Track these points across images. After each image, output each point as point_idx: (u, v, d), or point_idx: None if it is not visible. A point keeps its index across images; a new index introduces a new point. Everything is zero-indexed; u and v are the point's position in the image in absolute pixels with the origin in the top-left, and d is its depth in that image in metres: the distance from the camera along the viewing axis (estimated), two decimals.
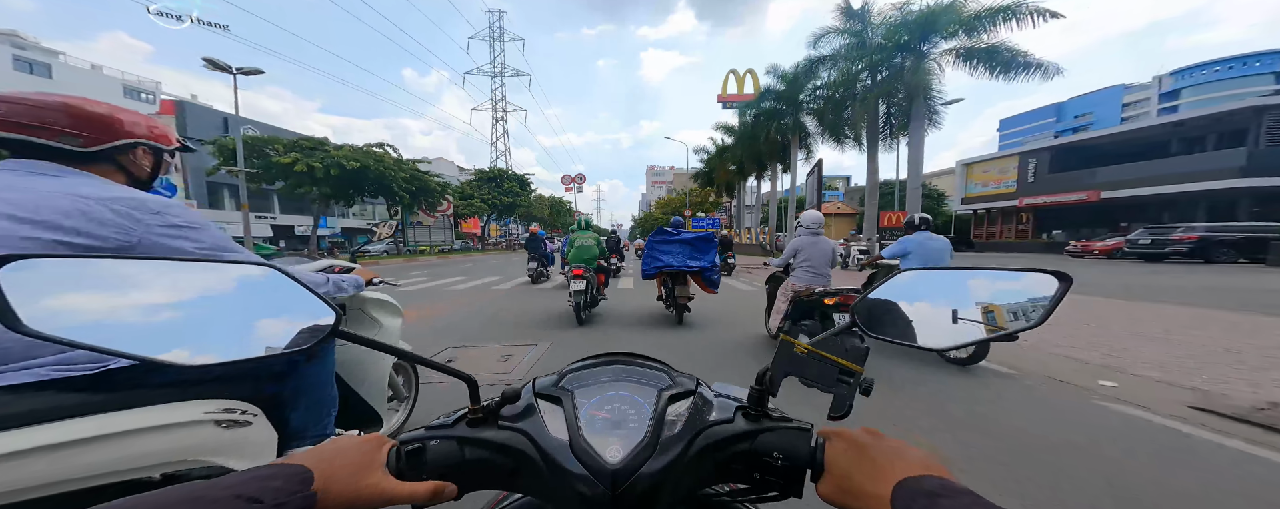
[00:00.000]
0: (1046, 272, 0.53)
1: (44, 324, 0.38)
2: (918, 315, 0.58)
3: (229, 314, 0.48)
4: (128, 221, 1.00)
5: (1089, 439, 2.55)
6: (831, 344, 0.55)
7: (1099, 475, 2.16)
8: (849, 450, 0.45)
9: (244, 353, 0.46)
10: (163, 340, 0.43)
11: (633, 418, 0.50)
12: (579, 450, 0.46)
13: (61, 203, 0.94)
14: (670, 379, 0.58)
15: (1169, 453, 2.41)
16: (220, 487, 0.33)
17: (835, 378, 0.53)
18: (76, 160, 1.05)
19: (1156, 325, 5.50)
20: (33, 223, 0.91)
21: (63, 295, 0.41)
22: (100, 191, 1.00)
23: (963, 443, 2.51)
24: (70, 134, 1.02)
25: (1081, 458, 2.34)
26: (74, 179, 1.01)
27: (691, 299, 6.17)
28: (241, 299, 0.49)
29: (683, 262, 5.92)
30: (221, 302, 0.47)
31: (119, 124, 1.09)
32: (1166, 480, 2.13)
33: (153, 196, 1.06)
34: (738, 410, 0.54)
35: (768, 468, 0.50)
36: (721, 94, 39.94)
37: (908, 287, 0.61)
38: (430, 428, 0.52)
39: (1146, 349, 4.41)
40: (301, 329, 0.48)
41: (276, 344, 0.47)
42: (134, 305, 0.44)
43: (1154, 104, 61.44)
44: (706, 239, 6.15)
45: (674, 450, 0.47)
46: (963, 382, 3.60)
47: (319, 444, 0.44)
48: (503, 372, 3.98)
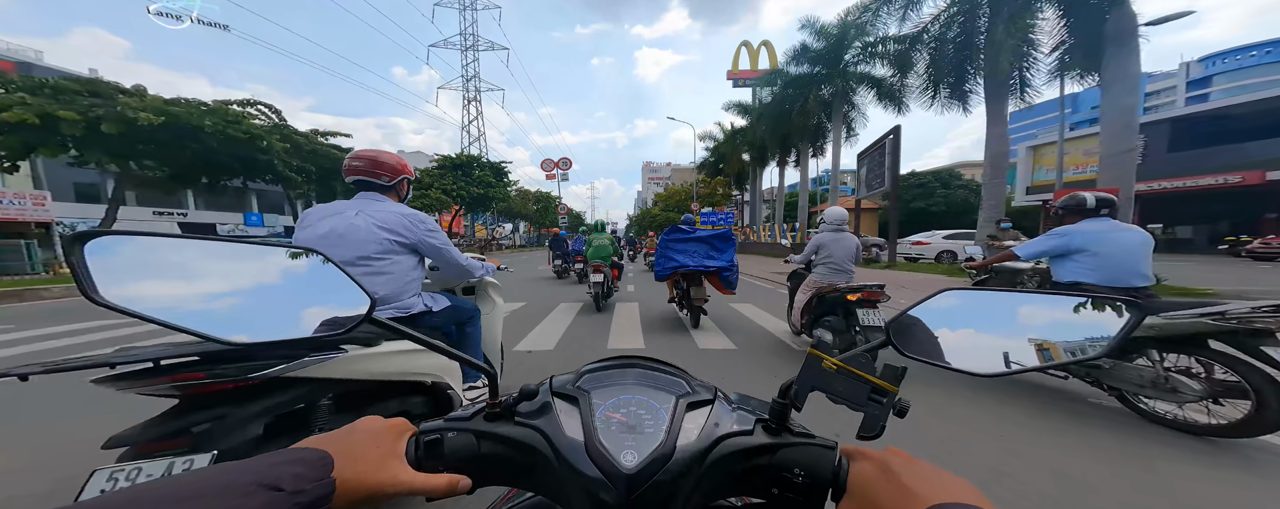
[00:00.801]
0: (1117, 299, 0.51)
1: (119, 298, 0.41)
2: (961, 339, 0.55)
3: (279, 296, 0.50)
4: (413, 226, 1.84)
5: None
6: (862, 361, 0.52)
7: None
8: (875, 472, 0.43)
9: (294, 333, 0.49)
10: (222, 319, 0.45)
11: (649, 422, 0.50)
12: (594, 453, 0.46)
13: (391, 217, 1.80)
14: (688, 386, 0.58)
15: None
16: (243, 470, 0.33)
17: (866, 397, 0.50)
18: (383, 190, 1.90)
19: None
20: (383, 228, 1.76)
21: (137, 274, 0.43)
22: (398, 209, 1.85)
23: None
24: (381, 175, 1.88)
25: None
26: (388, 202, 1.87)
27: (707, 300, 5.69)
28: (290, 282, 0.51)
29: (700, 261, 5.51)
30: (273, 284, 0.50)
31: (401, 166, 1.94)
32: None
33: (415, 211, 1.90)
34: (758, 423, 0.52)
35: (787, 484, 0.48)
36: (732, 71, 35.01)
37: (950, 307, 0.58)
38: (449, 419, 0.52)
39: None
40: (339, 315, 0.51)
41: (313, 325, 0.49)
42: (197, 286, 0.46)
43: (1181, 93, 58.47)
44: (725, 236, 5.69)
45: (690, 459, 0.46)
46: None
47: (343, 428, 0.44)
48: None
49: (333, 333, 0.50)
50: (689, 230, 5.78)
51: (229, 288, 0.47)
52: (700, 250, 5.62)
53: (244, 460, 0.35)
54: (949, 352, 0.55)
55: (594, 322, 6.07)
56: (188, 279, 0.46)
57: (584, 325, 5.81)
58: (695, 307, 5.65)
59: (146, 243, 0.45)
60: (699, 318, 5.76)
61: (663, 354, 5.88)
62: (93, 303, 0.40)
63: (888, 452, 0.45)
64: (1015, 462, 2.25)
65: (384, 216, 1.78)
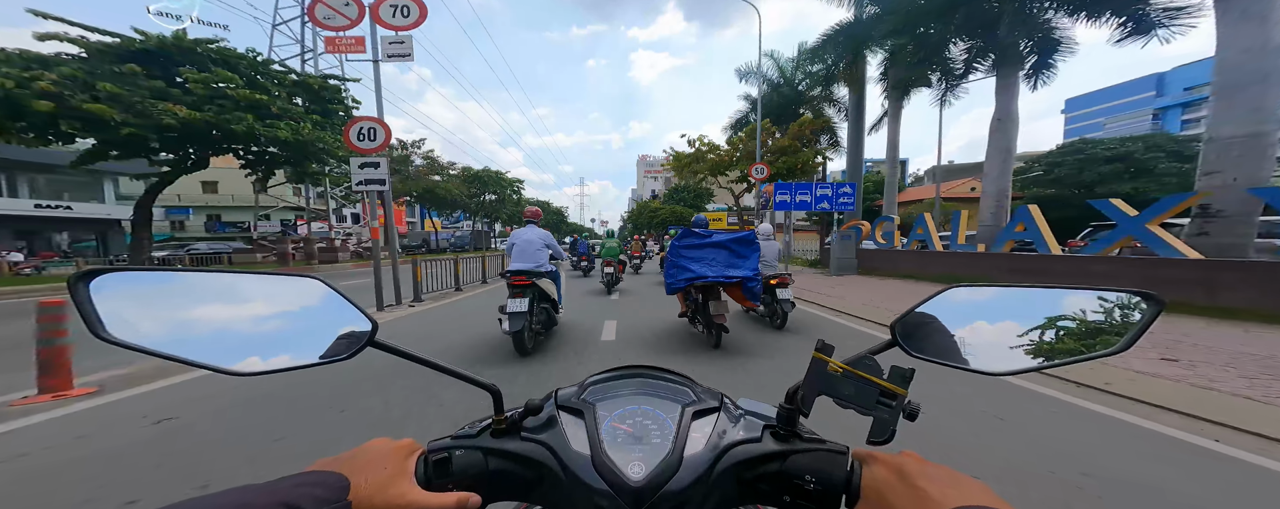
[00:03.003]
0: (1134, 292, 0.50)
1: (125, 333, 0.41)
2: (970, 336, 0.54)
3: (284, 324, 0.50)
4: (552, 244, 5.39)
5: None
6: (868, 363, 0.50)
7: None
8: (889, 476, 0.42)
9: (301, 360, 0.49)
10: (228, 349, 0.46)
11: (655, 432, 0.50)
12: (601, 465, 0.45)
13: (548, 238, 5.36)
14: (693, 394, 0.57)
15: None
16: (264, 492, 0.35)
17: (875, 400, 0.49)
18: (536, 222, 5.52)
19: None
20: (546, 245, 5.27)
21: (143, 309, 0.44)
22: (546, 234, 5.39)
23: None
24: (534, 214, 5.64)
25: None
26: (540, 229, 5.40)
27: (727, 316, 4.80)
28: (294, 310, 0.51)
29: (720, 270, 4.76)
30: (277, 312, 0.50)
31: (540, 209, 5.96)
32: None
33: (547, 233, 5.47)
34: (765, 429, 0.52)
35: (799, 491, 0.47)
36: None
37: (959, 304, 0.56)
38: (456, 437, 0.53)
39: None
40: (341, 336, 0.51)
41: (318, 350, 0.50)
42: (203, 319, 0.46)
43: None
44: (747, 240, 5.01)
45: (698, 469, 0.46)
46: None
47: (353, 450, 0.46)
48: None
49: (336, 357, 0.50)
50: (704, 234, 5.09)
51: (235, 318, 0.48)
52: (720, 257, 4.85)
53: (264, 483, 0.36)
54: (959, 350, 0.53)
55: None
56: (193, 312, 0.46)
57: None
58: (716, 324, 4.71)
59: (151, 277, 0.47)
60: (720, 338, 4.82)
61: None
62: (100, 340, 0.41)
63: (901, 455, 0.45)
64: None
65: (540, 234, 5.31)
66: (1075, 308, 0.52)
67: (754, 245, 5.06)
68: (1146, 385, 3.62)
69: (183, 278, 0.48)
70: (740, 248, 4.91)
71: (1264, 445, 2.63)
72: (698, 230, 5.22)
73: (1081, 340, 0.50)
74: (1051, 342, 0.51)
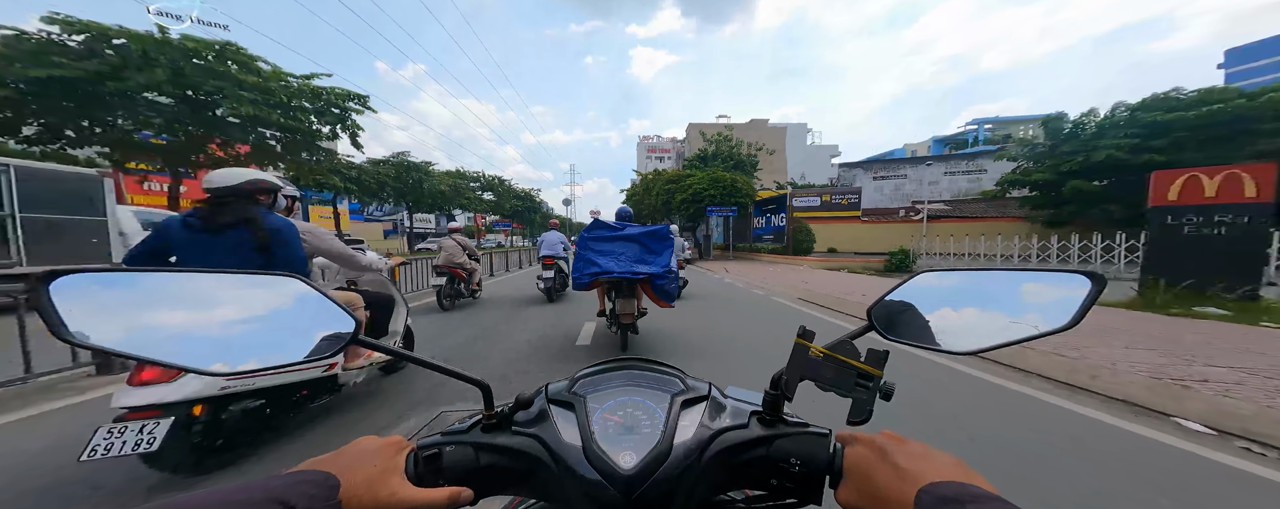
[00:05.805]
0: (1077, 272, 0.53)
1: (89, 334, 0.40)
2: (938, 319, 0.56)
3: (261, 324, 0.49)
4: (565, 242, 8.80)
5: None
6: (847, 347, 0.53)
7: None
8: (869, 455, 0.44)
9: (277, 360, 0.48)
10: (200, 350, 0.44)
11: (645, 423, 0.50)
12: (592, 456, 0.46)
13: (563, 239, 8.79)
14: (682, 384, 0.58)
15: None
16: (254, 489, 0.34)
17: (853, 382, 0.51)
18: (556, 229, 9.19)
19: None
20: (561, 242, 8.72)
21: (108, 309, 0.42)
22: (562, 236, 8.88)
23: None
24: (555, 224, 9.38)
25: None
26: (558, 233, 9.01)
27: (640, 316, 4.62)
28: (272, 309, 0.50)
29: (627, 266, 4.37)
30: (254, 312, 0.49)
31: (558, 220, 10.47)
32: None
33: (563, 236, 8.84)
34: (752, 415, 0.53)
35: (784, 474, 0.49)
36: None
37: (927, 289, 0.59)
38: (447, 434, 0.53)
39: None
40: (324, 336, 0.50)
41: (303, 350, 0.49)
42: (174, 319, 0.45)
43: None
44: (659, 235, 4.68)
45: (688, 456, 0.47)
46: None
47: (342, 449, 0.45)
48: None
49: (318, 357, 0.49)
50: (617, 227, 4.75)
51: (209, 318, 0.47)
52: (629, 252, 4.52)
53: (258, 479, 0.36)
54: (929, 333, 0.56)
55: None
56: (163, 312, 0.45)
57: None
58: (623, 324, 4.49)
59: (117, 278, 0.45)
60: (627, 337, 4.64)
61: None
62: (61, 341, 0.40)
63: (881, 434, 0.47)
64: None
65: (558, 236, 8.66)
66: (1028, 288, 0.56)
67: (668, 241, 4.71)
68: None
69: (156, 278, 0.46)
70: (652, 242, 4.59)
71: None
72: (610, 222, 4.89)
73: (1036, 318, 0.54)
74: (1009, 320, 0.54)
